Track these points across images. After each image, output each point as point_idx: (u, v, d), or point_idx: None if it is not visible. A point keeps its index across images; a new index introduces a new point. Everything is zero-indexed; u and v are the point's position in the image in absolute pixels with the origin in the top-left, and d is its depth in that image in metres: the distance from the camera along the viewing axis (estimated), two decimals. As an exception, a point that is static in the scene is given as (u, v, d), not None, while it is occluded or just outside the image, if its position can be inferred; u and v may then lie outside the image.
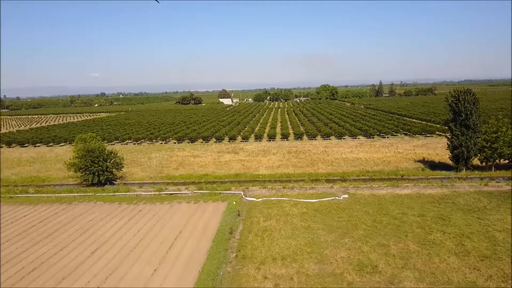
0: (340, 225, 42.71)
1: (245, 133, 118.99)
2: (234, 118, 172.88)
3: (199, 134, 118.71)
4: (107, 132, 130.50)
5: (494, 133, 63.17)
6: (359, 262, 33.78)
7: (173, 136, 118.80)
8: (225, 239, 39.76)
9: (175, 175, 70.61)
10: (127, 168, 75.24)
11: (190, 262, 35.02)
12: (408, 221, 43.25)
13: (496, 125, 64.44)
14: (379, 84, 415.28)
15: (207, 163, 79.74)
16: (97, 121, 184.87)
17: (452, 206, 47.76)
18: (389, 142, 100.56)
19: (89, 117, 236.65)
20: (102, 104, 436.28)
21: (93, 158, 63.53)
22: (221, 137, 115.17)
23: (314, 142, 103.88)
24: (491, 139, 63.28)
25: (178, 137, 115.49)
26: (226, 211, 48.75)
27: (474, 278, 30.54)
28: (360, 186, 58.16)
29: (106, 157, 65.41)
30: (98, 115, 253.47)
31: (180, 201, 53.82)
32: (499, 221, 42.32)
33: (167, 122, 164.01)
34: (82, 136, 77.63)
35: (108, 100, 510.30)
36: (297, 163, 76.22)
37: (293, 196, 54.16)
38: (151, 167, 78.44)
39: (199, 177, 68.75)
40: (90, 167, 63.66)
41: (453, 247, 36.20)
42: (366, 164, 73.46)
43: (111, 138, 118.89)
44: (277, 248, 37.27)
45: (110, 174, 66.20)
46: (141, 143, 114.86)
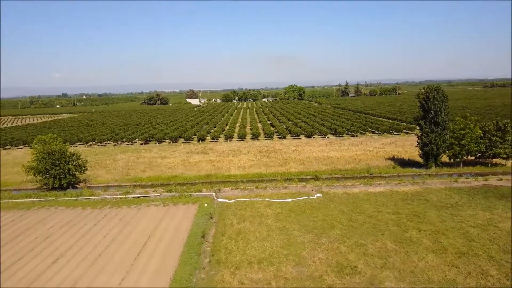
0: (316, 225, 41.66)
1: (215, 133, 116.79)
2: (202, 118, 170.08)
3: (166, 135, 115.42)
4: (69, 134, 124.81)
5: (462, 130, 64.31)
6: (338, 263, 32.74)
7: (139, 137, 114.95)
8: (198, 244, 37.82)
9: (142, 177, 67.70)
10: (91, 171, 71.58)
11: (161, 269, 32.87)
12: (384, 219, 42.78)
13: (463, 122, 65.63)
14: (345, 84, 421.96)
15: (176, 164, 77.17)
16: (58, 123, 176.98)
17: (425, 203, 47.81)
18: (359, 140, 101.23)
19: (50, 118, 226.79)
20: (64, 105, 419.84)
21: (54, 160, 59.78)
22: (190, 137, 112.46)
23: (285, 141, 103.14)
24: (459, 136, 64.39)
25: (144, 138, 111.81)
26: (198, 213, 46.73)
27: (454, 276, 30.12)
28: (333, 185, 57.57)
29: (68, 159, 61.78)
30: (59, 116, 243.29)
31: (148, 205, 51.28)
32: (471, 216, 42.56)
33: (133, 122, 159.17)
34: (41, 137, 73.28)
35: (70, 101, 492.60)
36: (269, 163, 74.99)
37: (267, 196, 52.78)
38: (117, 169, 75.03)
39: (168, 179, 66.21)
40: (51, 170, 59.87)
41: (430, 244, 35.86)
42: (337, 163, 73.20)
43: (74, 139, 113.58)
44: (253, 251, 35.70)
45: (73, 178, 62.56)
46: (105, 145, 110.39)
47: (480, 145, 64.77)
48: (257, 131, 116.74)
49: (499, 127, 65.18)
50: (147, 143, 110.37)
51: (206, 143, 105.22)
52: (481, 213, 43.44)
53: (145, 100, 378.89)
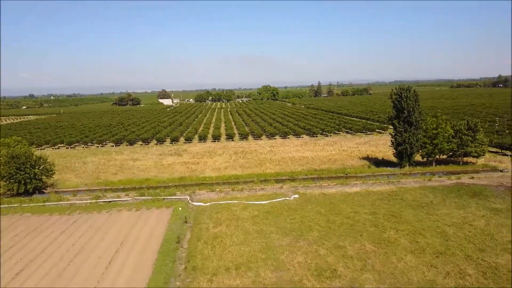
0: (294, 227, 40.97)
1: (188, 134, 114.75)
2: (175, 119, 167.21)
3: (138, 136, 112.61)
4: (35, 136, 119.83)
5: (434, 129, 65.24)
6: (317, 267, 32.09)
7: (110, 139, 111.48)
8: (172, 249, 36.40)
9: (113, 181, 65.29)
10: (59, 175, 68.57)
11: (134, 278, 31.30)
12: (361, 220, 42.56)
13: (436, 121, 66.62)
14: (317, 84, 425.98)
15: (149, 167, 75.01)
16: (24, 124, 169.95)
17: (401, 203, 47.98)
18: (333, 140, 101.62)
19: (16, 120, 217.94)
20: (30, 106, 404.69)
21: (19, 164, 56.76)
22: (163, 138, 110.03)
23: (260, 142, 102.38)
24: (432, 135, 65.30)
25: (115, 140, 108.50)
26: (172, 218, 45.19)
27: (433, 276, 30.00)
28: (310, 185, 57.13)
29: (34, 163, 58.81)
30: (26, 117, 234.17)
31: (120, 209, 49.29)
32: (447, 215, 42.93)
33: (104, 124, 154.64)
34: (5, 140, 69.56)
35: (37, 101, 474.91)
36: (244, 164, 73.95)
37: (243, 198, 51.75)
38: (87, 172, 72.20)
39: (140, 182, 64.10)
40: (15, 175, 56.81)
41: (408, 244, 35.78)
42: (313, 163, 72.97)
43: (41, 142, 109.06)
44: (230, 256, 34.62)
45: (39, 182, 59.60)
46: (75, 147, 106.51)
47: (452, 144, 65.91)
48: (231, 131, 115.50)
49: (469, 127, 66.52)
50: (118, 145, 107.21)
51: (180, 145, 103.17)
52: (455, 212, 43.89)
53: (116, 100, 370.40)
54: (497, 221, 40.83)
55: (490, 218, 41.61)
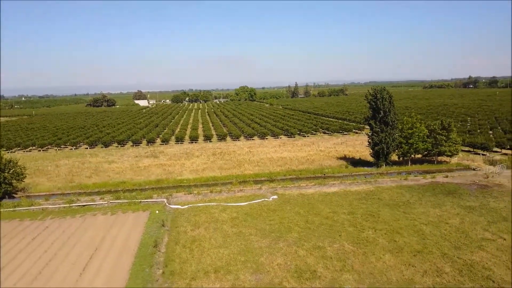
0: (273, 229, 40.72)
1: (165, 135, 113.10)
2: (151, 120, 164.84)
3: (113, 138, 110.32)
4: (5, 138, 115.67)
5: (410, 129, 66.38)
6: (297, 268, 31.90)
7: (84, 141, 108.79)
8: (150, 254, 35.56)
9: (88, 184, 63.54)
10: (31, 179, 66.25)
11: (109, 284, 30.34)
12: (340, 220, 42.71)
13: (411, 121, 67.81)
14: (294, 85, 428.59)
15: (124, 169, 73.44)
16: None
17: (378, 202, 48.46)
18: (310, 140, 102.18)
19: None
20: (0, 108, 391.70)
21: (-14, 168, 54.50)
22: (139, 140, 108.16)
23: (238, 143, 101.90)
24: (408, 135, 66.43)
25: (90, 142, 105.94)
26: (149, 221, 44.23)
27: (411, 275, 30.27)
28: (288, 186, 57.10)
29: (4, 166, 56.66)
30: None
31: (95, 213, 47.93)
32: (423, 214, 43.57)
33: (77, 126, 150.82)
34: (-28, 143, 66.75)
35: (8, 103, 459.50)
36: (223, 165, 73.34)
37: (222, 200, 51.19)
38: (60, 176, 70.06)
39: (116, 185, 62.59)
40: (-17, 179, 54.53)
41: (386, 244, 36.05)
42: (291, 163, 73.06)
43: (11, 145, 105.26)
44: (209, 260, 34.04)
45: (9, 187, 57.41)
46: (47, 150, 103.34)
47: (427, 143, 67.21)
48: (209, 132, 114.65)
49: (443, 126, 67.95)
50: (93, 147, 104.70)
51: (156, 146, 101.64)
52: (431, 210, 44.62)
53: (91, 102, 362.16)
54: (471, 219, 41.69)
55: (465, 216, 42.47)
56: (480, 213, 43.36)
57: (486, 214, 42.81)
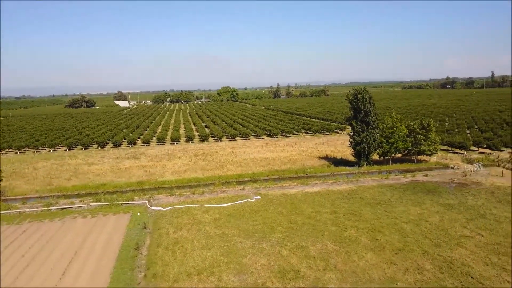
0: (256, 229, 40.63)
1: (146, 136, 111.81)
2: (132, 121, 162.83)
3: (93, 140, 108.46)
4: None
5: (390, 129, 67.32)
6: (280, 269, 31.88)
7: (63, 143, 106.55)
8: (131, 257, 35.00)
9: (67, 187, 62.21)
10: (7, 182, 64.50)
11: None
12: (322, 219, 42.92)
13: (391, 121, 68.78)
14: (276, 86, 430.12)
15: (105, 171, 72.24)
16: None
17: (360, 201, 48.91)
18: (293, 141, 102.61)
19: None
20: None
21: (-40, 172, 52.79)
22: (119, 141, 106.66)
23: (221, 144, 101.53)
24: (388, 135, 67.35)
25: (69, 144, 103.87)
26: (130, 224, 43.57)
27: (393, 273, 30.62)
28: (271, 186, 57.13)
29: (-22, 170, 54.89)
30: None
31: (74, 216, 46.93)
32: (404, 212, 44.18)
33: (56, 127, 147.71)
34: None
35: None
36: (205, 166, 72.91)
37: (204, 201, 50.83)
38: (38, 178, 68.42)
39: (96, 187, 61.47)
40: (-44, 183, 52.80)
41: (368, 242, 36.40)
42: (274, 164, 73.18)
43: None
44: (192, 262, 33.72)
45: (-16, 190, 55.74)
46: (24, 152, 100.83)
47: (407, 143, 68.27)
48: (191, 133, 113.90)
49: (423, 126, 69.12)
50: (72, 149, 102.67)
51: (137, 148, 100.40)
52: (412, 209, 45.29)
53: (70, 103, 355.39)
54: (450, 216, 42.48)
55: (444, 214, 43.25)
56: (459, 210, 44.22)
57: (465, 212, 43.69)
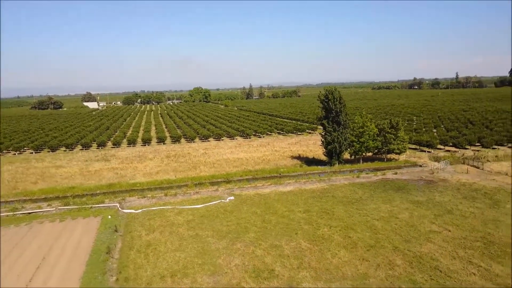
0: (230, 230, 40.50)
1: (116, 138, 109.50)
2: (102, 123, 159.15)
3: (61, 142, 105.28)
4: None
5: (361, 128, 68.63)
6: (255, 268, 31.89)
7: (29, 145, 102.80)
8: (102, 261, 34.15)
9: (33, 190, 60.00)
10: (-32, 186, 61.68)
11: (58, 296, 28.78)
12: (296, 218, 43.25)
13: (361, 121, 70.13)
14: (249, 87, 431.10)
15: (73, 174, 70.24)
16: None
17: (333, 200, 49.60)
18: (266, 141, 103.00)
19: None
20: None
21: None
22: (88, 144, 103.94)
23: (193, 145, 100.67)
24: (359, 134, 68.64)
25: (35, 146, 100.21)
26: (101, 227, 42.52)
27: (365, 269, 31.17)
28: (245, 186, 57.11)
29: None
30: None
31: (41, 221, 45.34)
32: (375, 210, 45.11)
33: (21, 129, 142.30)
34: None
35: None
36: (177, 168, 72.07)
37: (177, 203, 50.22)
38: (2, 182, 65.71)
39: (65, 190, 59.59)
40: None
41: (341, 240, 36.94)
42: (247, 164, 73.20)
43: None
44: (165, 264, 33.24)
45: None
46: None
47: (377, 142, 69.76)
48: (163, 134, 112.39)
49: (392, 125, 70.80)
50: (38, 151, 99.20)
51: (107, 150, 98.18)
52: (383, 206, 46.30)
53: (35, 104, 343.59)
54: (419, 213, 43.69)
55: (413, 210, 44.43)
56: (427, 207, 45.54)
57: (433, 208, 45.04)
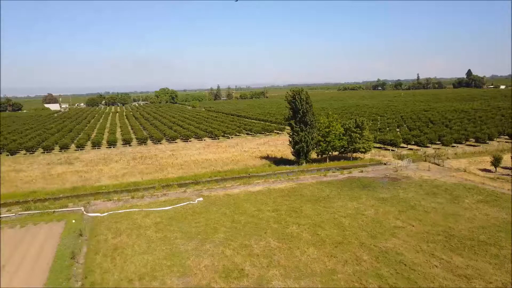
0: (199, 231, 40.21)
1: (80, 140, 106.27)
2: (65, 125, 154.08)
3: (21, 145, 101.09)
4: None
5: (327, 128, 69.89)
6: (224, 268, 31.82)
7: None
8: (67, 266, 33.09)
9: (-9, 196, 57.28)
10: None
11: (19, 304, 27.63)
12: (265, 217, 43.50)
13: (328, 121, 71.43)
14: (217, 88, 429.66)
15: (35, 178, 67.61)
16: None
17: (301, 198, 50.23)
18: (235, 142, 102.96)
19: None
20: None
21: None
22: (50, 146, 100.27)
23: (160, 146, 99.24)
24: (325, 134, 69.87)
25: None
26: (65, 232, 41.19)
27: (333, 265, 31.76)
28: (214, 187, 56.87)
29: None
30: None
31: (0, 228, 43.36)
32: (342, 207, 46.04)
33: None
34: None
35: None
36: (144, 170, 70.82)
37: (144, 206, 49.34)
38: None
39: (25, 195, 57.18)
40: None
41: (310, 237, 37.45)
42: (216, 165, 72.91)
43: None
44: (132, 267, 32.59)
45: None
46: None
47: (343, 141, 71.26)
48: (128, 136, 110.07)
49: (357, 125, 72.51)
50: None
51: (71, 152, 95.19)
52: (349, 204, 47.32)
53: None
54: (384, 209, 44.97)
55: (378, 207, 45.68)
56: (392, 203, 46.93)
57: (397, 204, 46.46)
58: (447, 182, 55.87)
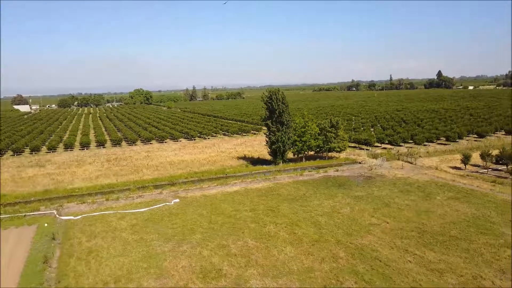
0: (176, 232, 39.86)
1: (52, 142, 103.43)
2: (35, 127, 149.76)
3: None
4: None
5: (303, 128, 70.57)
6: (202, 269, 31.66)
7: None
8: (39, 271, 32.19)
9: (-43, 201, 55.08)
10: None
11: (-11, 311, 26.69)
12: (242, 217, 43.53)
13: (303, 121, 72.13)
14: (192, 88, 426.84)
15: (4, 181, 65.40)
16: None
17: (278, 197, 50.51)
18: (211, 142, 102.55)
19: None
20: None
21: None
22: (20, 149, 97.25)
23: (135, 148, 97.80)
24: (301, 134, 70.54)
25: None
26: (36, 236, 40.05)
27: (310, 263, 32.08)
28: (190, 188, 56.49)
29: None
30: None
31: (-33, 233, 41.78)
32: (318, 206, 46.57)
33: None
34: None
35: None
36: (119, 172, 69.60)
37: (119, 208, 48.51)
38: None
39: (-6, 199, 55.33)
40: None
41: (287, 236, 37.71)
42: (192, 165, 72.42)
43: None
44: (108, 270, 32.00)
45: None
46: None
47: (318, 140, 72.09)
48: (102, 138, 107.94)
49: (332, 125, 73.50)
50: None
51: (42, 155, 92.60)
52: (325, 202, 47.90)
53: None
54: (360, 207, 45.73)
55: (354, 205, 46.43)
56: (367, 201, 47.79)
57: (372, 202, 47.35)
58: (419, 179, 57.32)
